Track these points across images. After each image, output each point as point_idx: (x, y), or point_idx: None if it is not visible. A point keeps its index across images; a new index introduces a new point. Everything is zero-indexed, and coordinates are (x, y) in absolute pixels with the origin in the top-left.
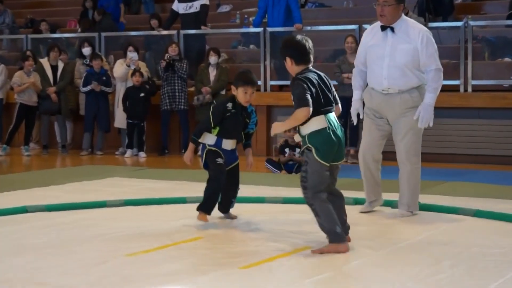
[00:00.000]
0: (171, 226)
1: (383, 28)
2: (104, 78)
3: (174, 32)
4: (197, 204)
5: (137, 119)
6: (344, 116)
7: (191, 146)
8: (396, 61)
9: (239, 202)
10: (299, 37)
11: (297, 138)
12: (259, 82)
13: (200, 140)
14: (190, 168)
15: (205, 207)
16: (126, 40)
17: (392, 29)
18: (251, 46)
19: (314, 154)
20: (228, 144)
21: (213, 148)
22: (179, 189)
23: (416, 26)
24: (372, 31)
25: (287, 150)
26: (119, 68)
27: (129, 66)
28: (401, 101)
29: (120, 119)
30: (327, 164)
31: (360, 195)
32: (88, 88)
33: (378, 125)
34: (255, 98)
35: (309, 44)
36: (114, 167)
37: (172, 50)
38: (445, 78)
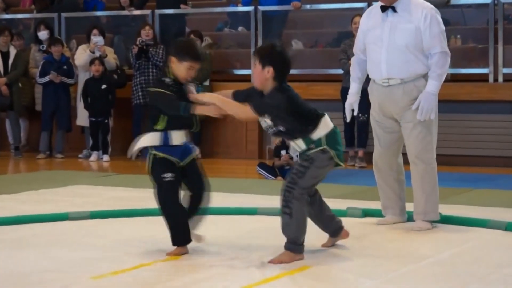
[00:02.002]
0: (145, 242)
1: (384, 8)
2: (65, 67)
3: (148, 12)
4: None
5: (100, 116)
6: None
7: (197, 107)
8: (396, 42)
9: (227, 214)
10: (284, 49)
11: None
12: (249, 71)
13: (139, 145)
14: None
15: (178, 239)
16: (91, 22)
17: (394, 9)
18: (240, 29)
19: (334, 156)
20: (178, 137)
21: (160, 155)
22: (154, 199)
23: (421, 3)
24: (370, 12)
25: (283, 152)
26: (82, 55)
27: (93, 53)
28: (404, 93)
29: (83, 116)
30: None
31: (370, 205)
32: (46, 79)
33: (385, 128)
34: None
35: None
36: (77, 172)
37: (146, 34)
38: (471, 66)
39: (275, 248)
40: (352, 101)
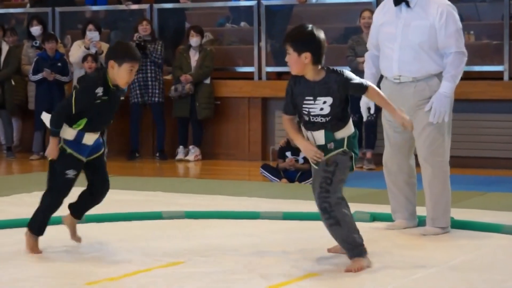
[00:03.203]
0: (143, 247)
1: (397, 2)
2: (59, 64)
3: (146, 6)
4: (174, 220)
5: None
6: (359, 112)
7: (54, 140)
8: (409, 40)
9: (229, 217)
10: (315, 29)
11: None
12: (253, 68)
13: (46, 122)
14: (166, 176)
15: (36, 224)
16: (86, 17)
17: (407, 4)
18: (242, 24)
19: (352, 160)
20: (91, 138)
21: (68, 150)
22: (152, 202)
23: None
24: (384, 7)
25: (288, 154)
26: (77, 52)
27: (88, 49)
28: (415, 92)
29: None
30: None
31: (378, 208)
32: (39, 76)
33: (396, 128)
34: (247, 89)
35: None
36: None
37: (143, 29)
38: (485, 63)
39: (278, 254)
40: (367, 99)
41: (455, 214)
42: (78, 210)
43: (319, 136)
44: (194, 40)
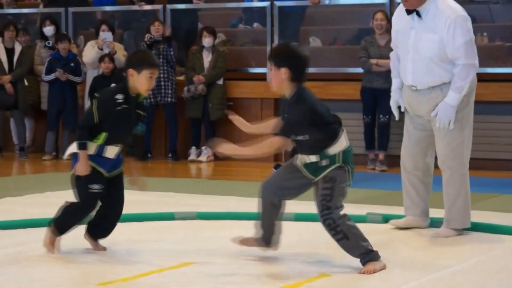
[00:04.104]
0: (155, 248)
1: (409, 12)
2: (72, 64)
3: (159, 7)
4: (186, 221)
5: None
6: (371, 113)
7: (83, 154)
8: (420, 54)
9: (242, 219)
10: (297, 46)
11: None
12: (265, 69)
13: (72, 150)
14: (178, 177)
15: (60, 223)
16: (99, 17)
17: (418, 13)
18: (255, 25)
19: (349, 174)
20: (113, 151)
21: (91, 164)
22: (165, 203)
23: (445, 9)
24: (401, 12)
25: None
26: (90, 52)
27: (102, 49)
28: (430, 98)
29: None
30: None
31: (391, 210)
32: (52, 76)
33: (417, 124)
34: (259, 90)
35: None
36: None
37: (155, 30)
38: (499, 65)
39: (290, 255)
40: (397, 97)
41: None
42: (96, 234)
43: (312, 156)
44: (206, 41)
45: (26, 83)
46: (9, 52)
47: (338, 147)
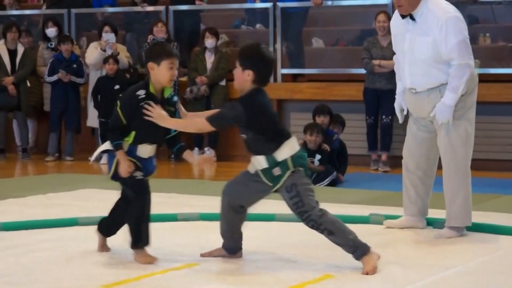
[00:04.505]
0: (158, 249)
1: (403, 16)
2: (74, 65)
3: (161, 8)
4: (189, 223)
5: (111, 117)
6: (374, 114)
7: (120, 155)
8: (416, 57)
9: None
10: (265, 49)
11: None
12: None
13: (104, 148)
14: (181, 178)
15: (141, 242)
16: (102, 19)
17: (412, 17)
18: (258, 26)
19: (304, 174)
20: (146, 150)
21: (130, 160)
22: (167, 204)
23: (437, 10)
24: (397, 16)
25: None
26: (93, 53)
27: (104, 51)
28: (429, 100)
29: (94, 117)
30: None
31: (393, 211)
32: (55, 78)
33: (420, 126)
34: None
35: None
36: (86, 176)
37: (158, 31)
38: (501, 66)
39: (294, 255)
40: (401, 100)
41: None
42: (109, 231)
43: (261, 160)
44: (209, 42)
45: (28, 84)
46: (12, 53)
47: (286, 152)
